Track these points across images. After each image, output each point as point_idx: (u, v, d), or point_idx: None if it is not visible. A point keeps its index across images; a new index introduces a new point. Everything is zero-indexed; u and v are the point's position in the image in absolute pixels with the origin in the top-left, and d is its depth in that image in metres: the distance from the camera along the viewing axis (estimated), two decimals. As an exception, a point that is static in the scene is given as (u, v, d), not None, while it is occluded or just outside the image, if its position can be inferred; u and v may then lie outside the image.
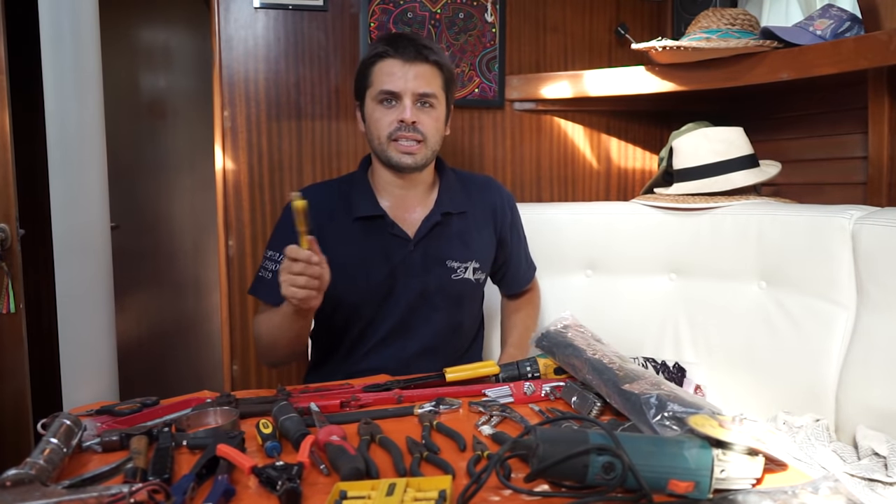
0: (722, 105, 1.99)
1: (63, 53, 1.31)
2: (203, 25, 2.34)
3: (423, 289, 1.39)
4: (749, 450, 0.80)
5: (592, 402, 1.01)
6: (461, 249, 1.42)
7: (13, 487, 0.73)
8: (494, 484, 0.76)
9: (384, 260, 1.37)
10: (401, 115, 1.33)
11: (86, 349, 1.37)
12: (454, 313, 1.43)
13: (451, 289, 1.41)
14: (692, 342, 1.61)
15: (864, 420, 1.21)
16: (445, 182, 1.46)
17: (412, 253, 1.38)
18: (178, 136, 3.00)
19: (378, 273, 1.37)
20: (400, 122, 1.33)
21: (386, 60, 1.34)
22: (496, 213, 1.49)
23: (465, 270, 1.41)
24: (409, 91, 1.32)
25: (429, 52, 1.35)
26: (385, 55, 1.34)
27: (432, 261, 1.39)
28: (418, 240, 1.39)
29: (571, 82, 1.87)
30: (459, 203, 1.44)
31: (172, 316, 3.08)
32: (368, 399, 1.07)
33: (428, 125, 1.35)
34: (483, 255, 1.45)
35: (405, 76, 1.32)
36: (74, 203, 1.35)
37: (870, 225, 1.28)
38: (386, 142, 1.35)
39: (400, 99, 1.33)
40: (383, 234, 1.38)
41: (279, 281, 1.14)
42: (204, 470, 0.79)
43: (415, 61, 1.33)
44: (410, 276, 1.38)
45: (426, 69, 1.34)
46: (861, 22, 1.49)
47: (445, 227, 1.41)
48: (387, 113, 1.34)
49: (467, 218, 1.45)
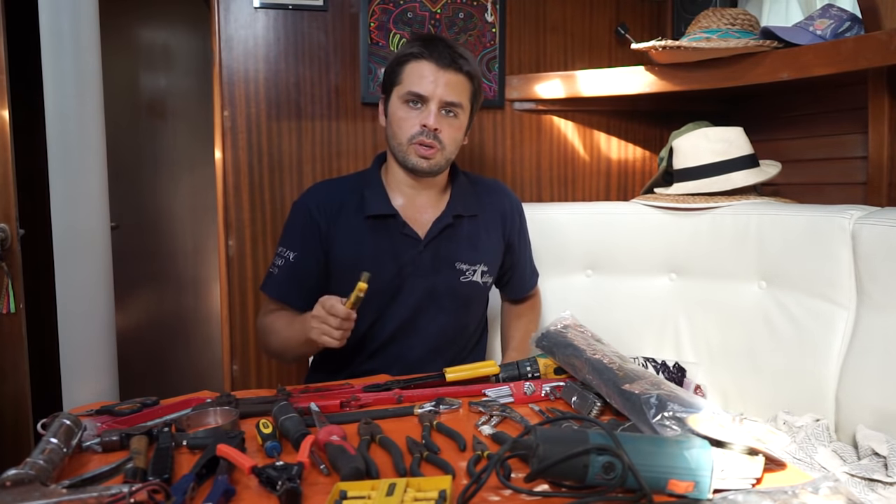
0: (722, 105, 1.99)
1: (63, 53, 1.32)
2: (203, 25, 2.34)
3: (431, 289, 1.39)
4: (749, 450, 0.80)
5: (592, 402, 1.01)
6: (470, 252, 1.42)
7: (13, 487, 0.73)
8: (494, 484, 0.76)
9: (393, 259, 1.38)
10: (425, 119, 1.32)
11: (86, 349, 1.38)
12: (460, 315, 1.44)
13: (459, 291, 1.41)
14: (692, 342, 1.61)
15: (864, 420, 1.21)
16: (458, 185, 1.47)
17: (422, 253, 1.38)
18: (178, 136, 3.00)
19: (387, 271, 1.37)
20: (423, 127, 1.32)
21: (420, 62, 1.33)
22: (505, 218, 1.50)
23: (474, 273, 1.42)
24: (437, 97, 1.32)
25: (463, 62, 1.34)
26: (420, 56, 1.33)
27: (442, 262, 1.39)
28: (429, 241, 1.39)
29: (571, 82, 1.87)
30: (470, 206, 1.45)
31: (172, 316, 3.08)
32: (368, 399, 1.07)
33: (448, 134, 1.35)
34: (491, 259, 1.45)
35: (436, 82, 1.32)
36: (74, 203, 1.35)
37: (870, 225, 1.28)
38: (406, 144, 1.34)
39: (426, 103, 1.32)
40: (394, 233, 1.39)
41: (312, 326, 1.20)
42: (204, 470, 0.79)
43: (448, 68, 1.32)
44: (419, 276, 1.38)
45: (458, 78, 1.34)
46: (861, 22, 1.49)
47: (456, 230, 1.42)
48: (411, 114, 1.33)
49: (477, 221, 1.45)
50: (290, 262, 1.39)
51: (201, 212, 3.01)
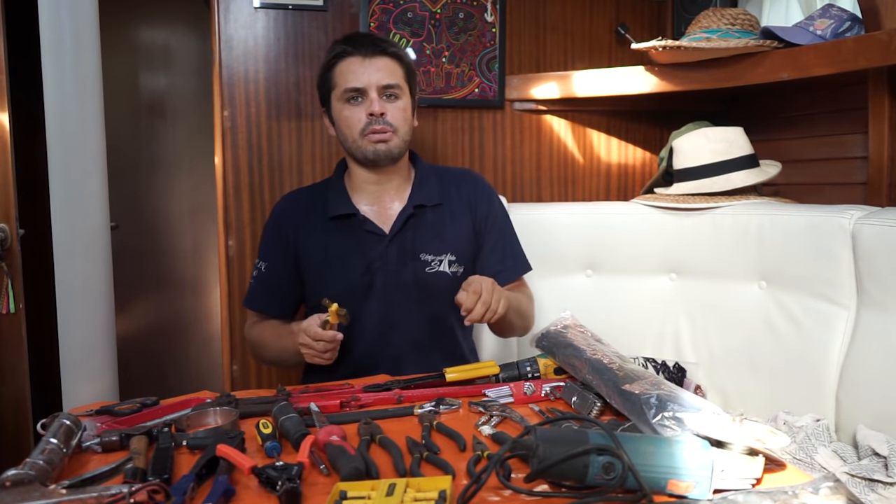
0: (722, 105, 1.99)
1: (63, 53, 1.31)
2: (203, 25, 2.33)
3: (398, 283, 1.41)
4: (749, 450, 0.80)
5: (592, 402, 1.01)
6: (435, 242, 1.43)
7: (13, 488, 0.73)
8: (494, 484, 0.76)
9: (361, 256, 1.40)
10: (369, 108, 1.35)
11: (86, 349, 1.37)
12: (434, 306, 1.43)
13: (427, 282, 1.42)
14: (692, 342, 1.61)
15: (864, 420, 1.21)
16: (419, 175, 1.48)
17: (388, 248, 1.41)
18: (177, 136, 3.00)
19: (355, 269, 1.40)
20: (370, 116, 1.35)
21: (346, 59, 1.37)
22: (472, 205, 1.49)
23: (440, 263, 1.42)
24: (373, 84, 1.35)
25: (386, 45, 1.39)
26: (344, 55, 1.37)
27: (406, 255, 1.41)
28: (393, 234, 1.41)
29: (571, 82, 1.86)
30: (434, 195, 1.45)
31: (172, 316, 3.08)
32: (368, 399, 1.07)
33: (396, 115, 1.37)
34: (460, 248, 1.45)
35: (367, 71, 1.35)
36: (74, 203, 1.35)
37: (870, 225, 1.28)
38: (359, 137, 1.37)
39: (365, 94, 1.36)
40: (358, 231, 1.41)
41: (300, 350, 1.26)
42: (204, 470, 0.79)
43: (374, 55, 1.36)
44: (387, 270, 1.40)
45: (386, 62, 1.37)
46: (861, 22, 1.49)
47: (419, 220, 1.43)
48: (355, 110, 1.37)
49: (443, 210, 1.45)
50: (263, 272, 1.46)
51: (201, 212, 3.01)
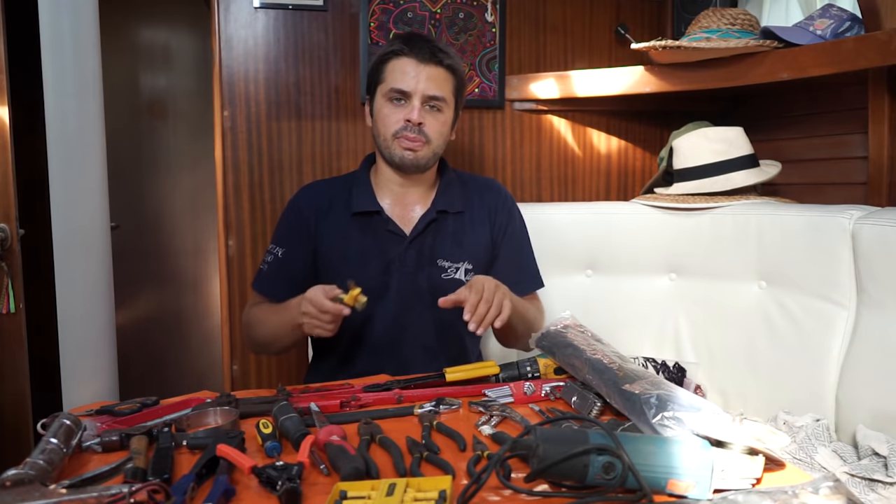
0: (722, 105, 1.98)
1: (63, 53, 1.31)
2: (203, 25, 2.34)
3: (415, 286, 1.40)
4: (749, 450, 0.80)
5: (592, 402, 1.01)
6: (454, 249, 1.42)
7: (13, 487, 0.73)
8: (494, 484, 0.76)
9: (380, 255, 1.39)
10: (408, 114, 1.34)
11: (86, 349, 1.37)
12: (446, 312, 1.42)
13: (441, 288, 1.40)
14: (692, 342, 1.61)
15: (864, 420, 1.21)
16: (445, 181, 1.47)
17: (407, 250, 1.40)
18: (178, 136, 3.00)
19: (373, 268, 1.38)
20: (406, 122, 1.34)
21: (400, 59, 1.35)
22: (493, 215, 1.49)
23: (457, 271, 1.41)
24: (419, 92, 1.33)
25: (444, 55, 1.36)
26: (400, 53, 1.35)
27: (425, 259, 1.40)
28: (413, 237, 1.40)
29: (571, 82, 1.86)
30: (457, 202, 1.45)
31: (172, 316, 3.08)
32: (368, 399, 1.07)
33: (433, 128, 1.36)
34: (477, 257, 1.45)
35: (418, 76, 1.33)
36: (74, 203, 1.34)
37: (870, 225, 1.28)
38: (390, 139, 1.36)
39: (410, 98, 1.34)
40: (379, 230, 1.40)
41: (303, 321, 1.21)
42: (204, 470, 0.79)
43: (429, 63, 1.34)
44: (404, 273, 1.39)
45: (439, 72, 1.35)
46: (861, 22, 1.49)
47: (440, 226, 1.42)
48: (395, 111, 1.35)
49: (464, 218, 1.45)
50: (279, 258, 1.42)
51: (201, 212, 3.01)
